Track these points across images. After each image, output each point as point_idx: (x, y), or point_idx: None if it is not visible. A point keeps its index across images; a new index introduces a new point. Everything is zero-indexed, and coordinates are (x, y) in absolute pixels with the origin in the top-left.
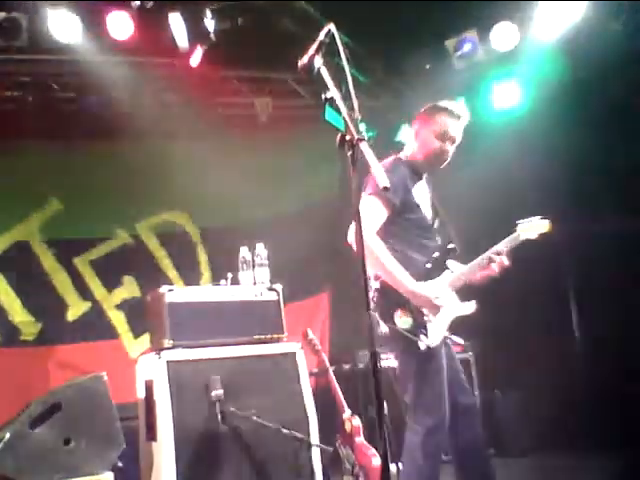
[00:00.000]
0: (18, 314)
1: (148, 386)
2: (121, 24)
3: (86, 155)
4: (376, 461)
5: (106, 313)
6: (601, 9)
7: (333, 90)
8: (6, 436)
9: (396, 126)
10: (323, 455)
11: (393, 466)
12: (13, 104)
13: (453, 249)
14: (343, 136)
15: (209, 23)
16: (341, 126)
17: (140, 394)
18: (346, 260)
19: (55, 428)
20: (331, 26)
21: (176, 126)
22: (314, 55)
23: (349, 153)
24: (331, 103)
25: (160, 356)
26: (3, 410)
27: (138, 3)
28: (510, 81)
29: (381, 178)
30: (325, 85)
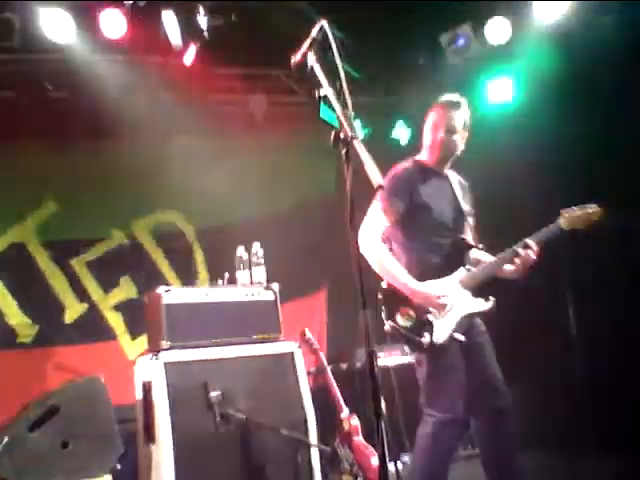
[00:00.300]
0: (15, 316)
1: (146, 388)
2: (114, 22)
3: (81, 155)
4: (374, 460)
5: (103, 314)
6: (593, 3)
7: (327, 87)
8: (4, 439)
9: (391, 122)
10: (322, 455)
11: (391, 465)
12: (7, 104)
13: (470, 245)
14: (337, 134)
15: (202, 20)
16: (336, 123)
17: (138, 396)
18: (343, 259)
19: (53, 431)
20: (323, 23)
21: (171, 125)
22: (307, 52)
23: (343, 151)
24: (325, 101)
25: (158, 357)
26: (1, 413)
27: (131, 1)
28: (504, 76)
29: (374, 177)
30: (319, 82)
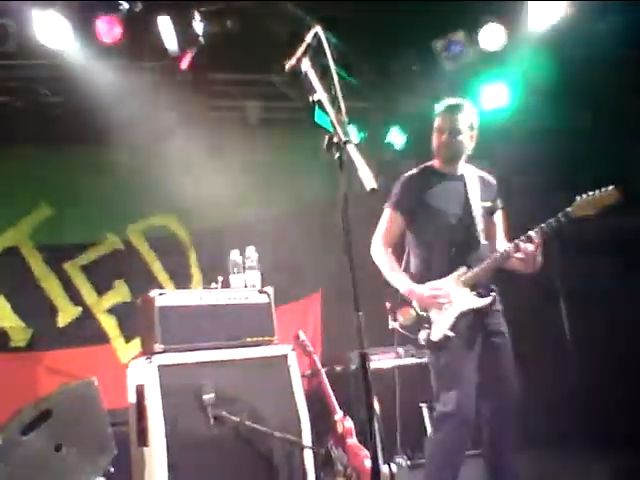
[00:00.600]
0: (8, 320)
1: (139, 391)
2: (110, 28)
3: (75, 159)
4: (368, 462)
5: (97, 318)
6: (587, 9)
7: (321, 92)
8: None
9: (386, 127)
10: (315, 457)
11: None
12: (2, 109)
13: (477, 243)
14: (331, 138)
15: (198, 26)
16: (330, 128)
17: (131, 399)
18: (338, 261)
19: (46, 435)
20: (318, 28)
21: (166, 129)
22: (301, 58)
23: (337, 155)
24: (319, 105)
25: (151, 360)
26: None
27: (127, 7)
28: (498, 82)
29: (367, 180)
30: (313, 88)
